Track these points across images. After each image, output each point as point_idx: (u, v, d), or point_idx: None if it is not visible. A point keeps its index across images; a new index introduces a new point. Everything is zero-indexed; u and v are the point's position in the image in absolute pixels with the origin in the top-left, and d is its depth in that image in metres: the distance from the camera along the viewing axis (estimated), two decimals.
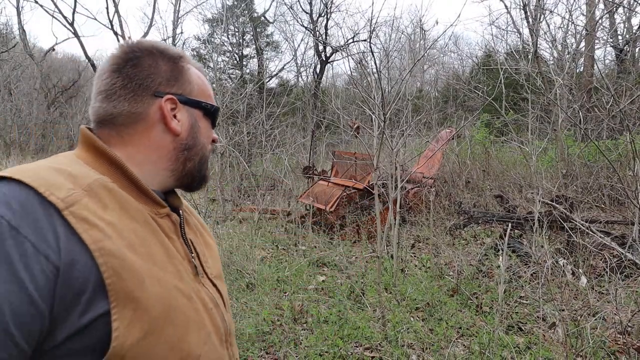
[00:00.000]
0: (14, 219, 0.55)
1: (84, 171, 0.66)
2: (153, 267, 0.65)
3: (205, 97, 0.83)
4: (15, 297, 0.53)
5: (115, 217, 0.64)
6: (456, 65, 20.90)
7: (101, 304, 0.58)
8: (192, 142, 0.80)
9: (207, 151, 0.84)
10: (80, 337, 0.57)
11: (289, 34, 28.29)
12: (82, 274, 0.57)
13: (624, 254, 3.29)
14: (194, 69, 0.83)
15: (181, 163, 0.79)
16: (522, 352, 2.73)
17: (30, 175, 0.60)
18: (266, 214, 6.76)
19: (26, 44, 18.44)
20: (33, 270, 0.54)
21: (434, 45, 16.19)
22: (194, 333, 0.69)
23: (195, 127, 0.80)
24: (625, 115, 6.48)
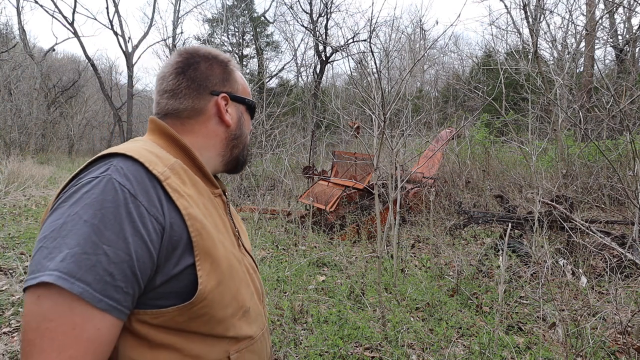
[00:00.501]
0: (132, 188, 0.71)
1: (164, 154, 0.82)
2: (218, 233, 0.81)
3: (247, 94, 1.00)
4: (139, 247, 0.68)
5: (191, 191, 0.81)
6: (456, 65, 20.92)
7: (188, 258, 0.74)
8: (239, 132, 0.98)
9: (248, 140, 1.02)
10: (172, 283, 0.73)
11: (289, 34, 28.27)
12: (177, 233, 0.73)
13: (624, 254, 3.29)
14: (238, 71, 1.00)
15: (229, 150, 0.96)
16: (522, 352, 2.73)
17: (137, 153, 0.76)
18: (266, 214, 6.76)
19: (26, 44, 18.43)
20: (149, 228, 0.70)
21: (434, 45, 16.19)
22: (245, 289, 0.87)
23: (241, 119, 0.98)
24: (625, 115, 6.48)
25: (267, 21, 19.71)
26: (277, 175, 8.94)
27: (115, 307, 0.66)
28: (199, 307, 0.75)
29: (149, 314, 0.72)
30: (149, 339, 0.73)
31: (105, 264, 0.65)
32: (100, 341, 0.66)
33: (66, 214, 0.67)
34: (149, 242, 0.69)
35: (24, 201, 8.45)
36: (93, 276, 0.64)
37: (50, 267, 0.63)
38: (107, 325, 0.66)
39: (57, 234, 0.66)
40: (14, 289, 3.69)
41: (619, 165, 6.44)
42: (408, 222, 6.36)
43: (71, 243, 0.64)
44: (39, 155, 17.98)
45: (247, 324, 0.87)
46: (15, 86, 18.48)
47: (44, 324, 0.63)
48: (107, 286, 0.65)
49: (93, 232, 0.65)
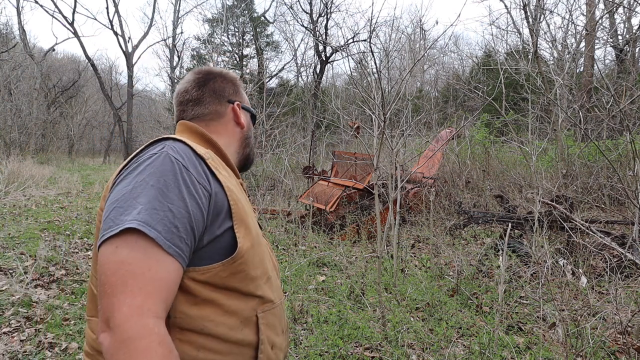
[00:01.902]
0: (184, 161, 0.85)
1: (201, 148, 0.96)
2: (248, 210, 0.96)
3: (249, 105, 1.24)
4: (195, 207, 0.82)
5: (225, 173, 0.95)
6: (456, 65, 20.91)
7: (228, 222, 0.89)
8: (249, 134, 1.20)
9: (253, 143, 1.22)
10: (215, 242, 0.86)
11: (289, 34, 28.28)
12: (220, 200, 0.88)
13: (624, 254, 3.29)
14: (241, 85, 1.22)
15: (243, 148, 1.17)
16: (522, 352, 2.73)
17: (185, 139, 0.93)
18: (266, 214, 6.76)
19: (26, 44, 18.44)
20: (200, 193, 0.84)
21: (434, 45, 16.19)
22: (267, 260, 1.01)
23: (249, 124, 1.20)
24: (625, 115, 6.48)
25: (267, 21, 19.71)
26: (277, 175, 8.94)
27: (180, 254, 0.78)
28: (238, 264, 0.88)
29: (197, 271, 0.84)
30: (196, 294, 0.84)
31: (171, 218, 0.78)
32: (170, 282, 0.77)
33: (134, 181, 0.81)
34: (201, 204, 0.83)
35: (24, 201, 8.45)
36: (163, 226, 0.77)
37: (128, 219, 0.75)
38: (175, 269, 0.78)
39: (128, 196, 0.79)
40: (14, 289, 3.69)
41: (619, 165, 6.44)
42: (408, 222, 6.36)
43: (143, 201, 0.78)
44: (39, 155, 17.98)
45: (270, 290, 0.99)
46: (15, 86, 18.47)
47: (123, 267, 0.73)
48: (173, 236, 0.78)
49: (159, 193, 0.79)
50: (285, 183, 8.36)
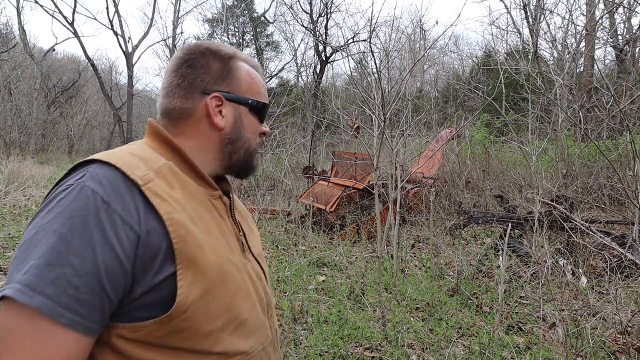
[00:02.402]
0: (105, 194, 0.67)
1: (154, 156, 0.79)
2: (210, 239, 0.76)
3: (252, 93, 0.90)
4: (108, 258, 0.65)
5: (179, 195, 0.76)
6: (456, 65, 20.92)
7: (169, 267, 0.69)
8: (236, 137, 0.88)
9: (254, 144, 0.92)
10: (153, 293, 0.69)
11: (289, 34, 28.26)
12: (156, 240, 0.69)
13: (624, 254, 3.29)
14: (245, 67, 0.91)
15: (227, 155, 0.88)
16: (522, 352, 2.73)
17: (115, 158, 0.73)
18: (266, 214, 6.76)
19: (26, 44, 18.45)
20: (121, 237, 0.66)
21: (434, 45, 16.19)
22: (242, 299, 0.81)
23: (238, 122, 0.88)
24: (625, 115, 6.48)
25: (267, 21, 19.72)
26: (277, 175, 8.94)
27: (79, 322, 0.63)
28: (179, 320, 0.70)
29: (126, 328, 0.69)
30: (127, 354, 0.69)
31: (70, 276, 0.62)
32: (63, 359, 0.62)
33: (39, 223, 0.66)
34: (120, 252, 0.65)
35: (24, 201, 8.45)
36: (55, 289, 0.61)
37: (16, 279, 0.62)
38: (70, 342, 0.63)
39: (28, 244, 0.65)
40: None
41: (619, 165, 6.44)
42: (408, 222, 6.36)
43: (37, 254, 0.63)
44: (39, 155, 17.98)
45: (242, 338, 0.80)
46: (15, 86, 18.48)
47: (7, 337, 0.61)
48: (70, 299, 0.62)
49: (60, 242, 0.63)
50: (285, 183, 8.36)
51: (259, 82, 0.92)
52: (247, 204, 7.78)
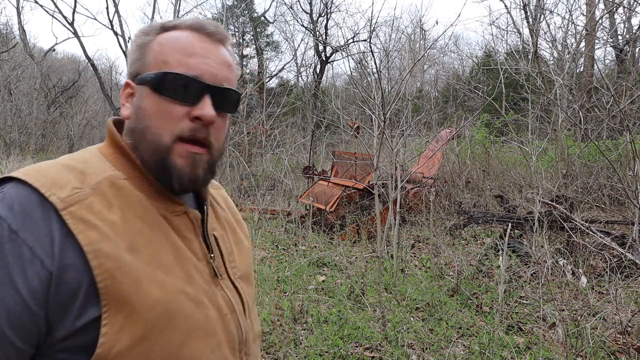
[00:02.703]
0: (15, 221, 0.56)
1: (99, 168, 0.65)
2: (155, 270, 0.62)
3: (157, 66, 0.68)
4: (10, 300, 0.54)
5: (118, 216, 0.62)
6: (456, 65, 20.92)
7: (93, 309, 0.57)
8: (133, 126, 0.69)
9: (167, 135, 0.66)
10: (77, 337, 0.58)
11: (289, 34, 28.26)
12: (74, 278, 0.56)
13: (624, 254, 3.29)
14: (164, 36, 0.70)
15: (139, 153, 0.68)
16: (522, 352, 2.73)
17: (36, 175, 0.60)
18: (266, 214, 6.76)
19: (26, 44, 18.47)
20: (27, 274, 0.55)
21: (434, 45, 16.19)
22: (199, 340, 0.66)
23: (137, 107, 0.68)
24: (625, 115, 6.48)
25: (267, 21, 19.72)
26: (277, 175, 8.94)
27: None
28: None
29: None
30: None
31: None
32: None
33: None
34: (26, 293, 0.54)
35: None
36: None
37: None
38: None
39: None
40: None
41: (619, 165, 6.44)
42: (408, 222, 6.36)
43: None
44: (39, 155, 17.97)
45: None
46: (15, 86, 18.49)
47: None
48: None
49: None
50: (285, 183, 8.36)
51: (168, 49, 0.68)
52: (247, 204, 7.78)
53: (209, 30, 0.70)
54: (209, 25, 0.70)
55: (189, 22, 0.71)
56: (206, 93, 0.67)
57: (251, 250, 0.89)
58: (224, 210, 0.85)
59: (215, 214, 0.80)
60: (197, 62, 0.67)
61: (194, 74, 0.66)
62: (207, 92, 0.67)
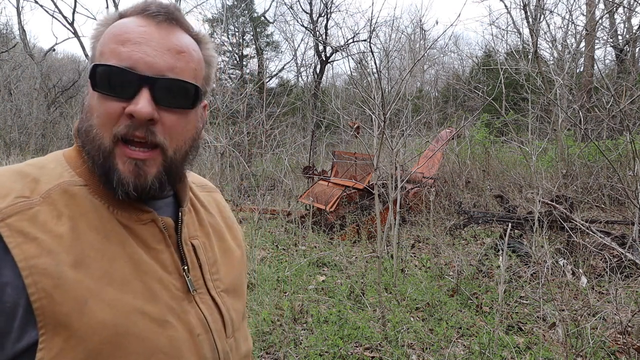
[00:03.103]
0: None
1: (55, 174, 0.60)
2: (106, 287, 0.56)
3: (96, 59, 0.61)
4: None
5: (67, 227, 0.56)
6: (456, 65, 20.91)
7: (32, 332, 0.52)
8: (80, 125, 0.63)
9: (106, 135, 0.59)
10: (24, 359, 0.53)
11: (289, 34, 28.30)
12: (11, 297, 0.52)
13: (624, 254, 3.29)
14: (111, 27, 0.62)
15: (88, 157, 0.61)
16: (522, 352, 2.73)
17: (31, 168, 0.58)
18: (266, 214, 6.76)
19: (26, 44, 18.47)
20: None
21: (434, 45, 16.19)
22: None
23: (85, 105, 0.62)
24: (625, 115, 6.48)
25: (267, 21, 19.71)
26: (277, 175, 8.94)
27: None
28: None
29: None
30: None
31: None
32: None
33: None
34: None
35: None
36: None
37: None
38: None
39: None
40: None
41: (619, 165, 6.44)
42: (408, 222, 6.36)
43: None
44: (39, 155, 17.94)
45: None
46: (15, 86, 18.49)
47: None
48: None
49: None
50: (285, 183, 8.36)
51: (106, 39, 0.61)
52: (247, 204, 7.78)
53: (150, 11, 0.61)
54: (152, 5, 0.61)
55: (135, 5, 0.63)
56: (143, 86, 0.58)
57: (243, 260, 0.81)
58: (212, 215, 0.77)
59: (199, 219, 0.73)
60: (129, 50, 0.58)
61: (125, 65, 0.58)
62: (142, 85, 0.58)
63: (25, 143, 18.11)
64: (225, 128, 7.86)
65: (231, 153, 8.10)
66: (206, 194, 0.81)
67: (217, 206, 0.81)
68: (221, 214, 0.81)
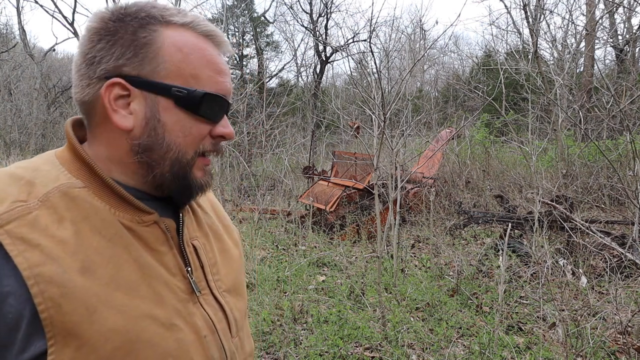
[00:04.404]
0: None
1: (51, 176, 0.58)
2: (115, 293, 0.55)
3: (183, 77, 0.60)
4: None
5: (70, 232, 0.54)
6: (456, 65, 20.92)
7: (39, 342, 0.51)
8: (151, 142, 0.60)
9: (190, 153, 0.63)
10: None
11: (289, 34, 28.29)
12: (14, 308, 0.50)
13: (624, 254, 3.29)
14: (178, 37, 0.61)
15: (146, 168, 0.61)
16: (522, 352, 2.73)
17: None
18: (266, 214, 6.76)
19: (26, 44, 18.48)
20: None
21: (434, 45, 16.20)
22: None
23: (153, 121, 0.60)
24: (625, 115, 6.48)
25: (267, 21, 19.71)
26: (277, 175, 8.94)
27: None
28: None
29: None
30: None
31: None
32: None
33: None
34: None
35: None
36: None
37: None
38: None
39: None
40: None
41: (619, 165, 6.44)
42: (408, 222, 6.36)
43: None
44: None
45: None
46: (15, 86, 18.50)
47: None
48: None
49: None
50: (285, 183, 8.36)
51: (196, 60, 0.61)
52: (247, 204, 7.78)
53: (221, 41, 0.66)
54: (220, 35, 0.66)
55: (198, 24, 0.64)
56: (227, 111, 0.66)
57: (241, 259, 0.80)
58: (208, 215, 0.76)
59: (197, 219, 0.72)
60: (225, 81, 0.65)
61: (223, 94, 0.64)
62: (227, 110, 0.66)
63: (25, 143, 18.13)
64: None
65: (231, 153, 8.10)
66: None
67: (212, 206, 0.81)
68: (216, 214, 0.81)
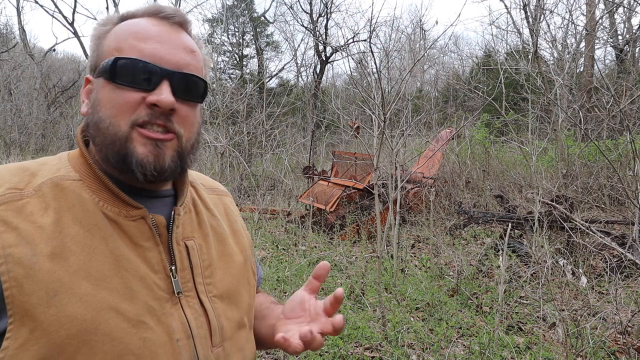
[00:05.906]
0: None
1: (53, 169, 0.62)
2: (81, 281, 0.55)
3: (109, 54, 0.64)
4: None
5: (51, 220, 0.57)
6: (456, 65, 20.91)
7: (3, 320, 0.53)
8: (91, 119, 0.64)
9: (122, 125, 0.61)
10: None
11: (289, 34, 28.31)
12: None
13: (624, 254, 3.29)
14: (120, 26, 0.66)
15: (98, 151, 0.64)
16: (522, 352, 2.73)
17: None
18: (266, 214, 6.76)
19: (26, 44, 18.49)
20: None
21: (434, 45, 16.18)
22: None
23: (95, 101, 0.64)
24: (625, 115, 6.48)
25: (267, 21, 19.71)
26: (277, 175, 8.94)
27: None
28: None
29: None
30: None
31: None
32: None
33: None
34: None
35: None
36: None
37: None
38: None
39: None
40: None
41: (619, 165, 6.44)
42: (408, 222, 6.36)
43: None
44: (39, 155, 17.96)
45: None
46: (15, 86, 18.50)
47: None
48: None
49: None
50: (285, 183, 8.36)
51: (121, 34, 0.65)
52: (247, 204, 7.78)
53: (165, 14, 0.66)
54: (166, 9, 0.66)
55: (146, 8, 0.67)
56: (164, 79, 0.62)
57: (246, 267, 0.78)
58: (215, 217, 0.76)
59: (198, 219, 0.72)
60: (152, 46, 0.63)
61: (148, 59, 0.62)
62: (164, 77, 0.62)
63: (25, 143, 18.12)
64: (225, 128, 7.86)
65: (231, 153, 8.10)
66: (215, 196, 0.81)
67: (224, 210, 0.80)
68: (228, 218, 0.80)
